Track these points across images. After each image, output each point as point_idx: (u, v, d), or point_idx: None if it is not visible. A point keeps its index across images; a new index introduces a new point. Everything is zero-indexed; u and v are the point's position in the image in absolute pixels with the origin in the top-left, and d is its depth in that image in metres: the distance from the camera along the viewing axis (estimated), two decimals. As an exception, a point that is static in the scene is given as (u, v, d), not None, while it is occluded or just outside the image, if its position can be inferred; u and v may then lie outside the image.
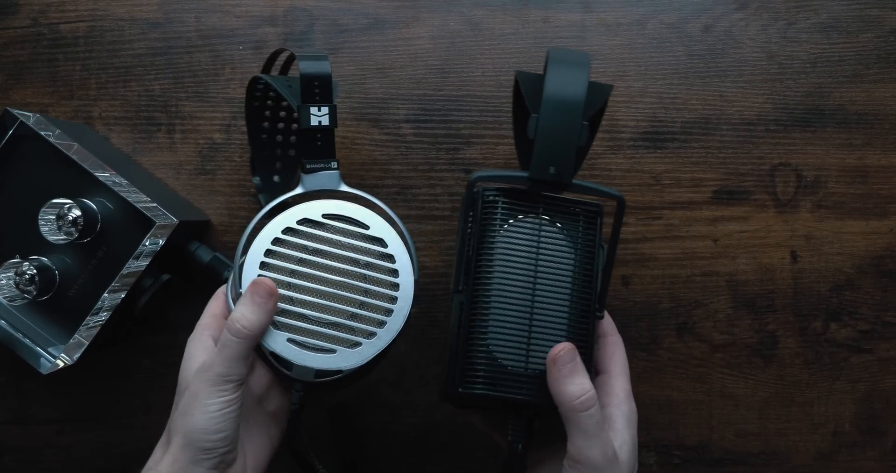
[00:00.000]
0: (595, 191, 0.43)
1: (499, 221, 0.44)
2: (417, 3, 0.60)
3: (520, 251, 0.44)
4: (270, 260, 0.45)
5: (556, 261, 0.44)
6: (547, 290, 0.43)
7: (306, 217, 0.45)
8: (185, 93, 0.60)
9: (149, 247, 0.52)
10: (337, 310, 0.46)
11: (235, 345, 0.43)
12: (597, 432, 0.41)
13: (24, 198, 0.53)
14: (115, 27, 0.60)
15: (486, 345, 0.43)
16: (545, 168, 0.42)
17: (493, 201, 0.44)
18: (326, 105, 0.46)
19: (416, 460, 0.61)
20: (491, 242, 0.44)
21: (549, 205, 0.44)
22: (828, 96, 0.61)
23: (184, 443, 0.42)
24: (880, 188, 0.61)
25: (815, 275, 0.60)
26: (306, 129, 0.46)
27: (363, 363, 0.46)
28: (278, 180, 0.57)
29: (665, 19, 0.60)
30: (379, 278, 0.46)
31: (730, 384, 0.60)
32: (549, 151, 0.42)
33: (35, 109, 0.60)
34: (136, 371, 0.60)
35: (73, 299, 0.53)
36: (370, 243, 0.46)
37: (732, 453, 0.61)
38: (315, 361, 0.45)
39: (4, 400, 0.60)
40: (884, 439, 0.61)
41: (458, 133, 0.60)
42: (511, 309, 0.43)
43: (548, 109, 0.42)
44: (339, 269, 0.46)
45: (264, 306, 0.43)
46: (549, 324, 0.43)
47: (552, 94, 0.42)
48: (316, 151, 0.47)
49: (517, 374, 0.43)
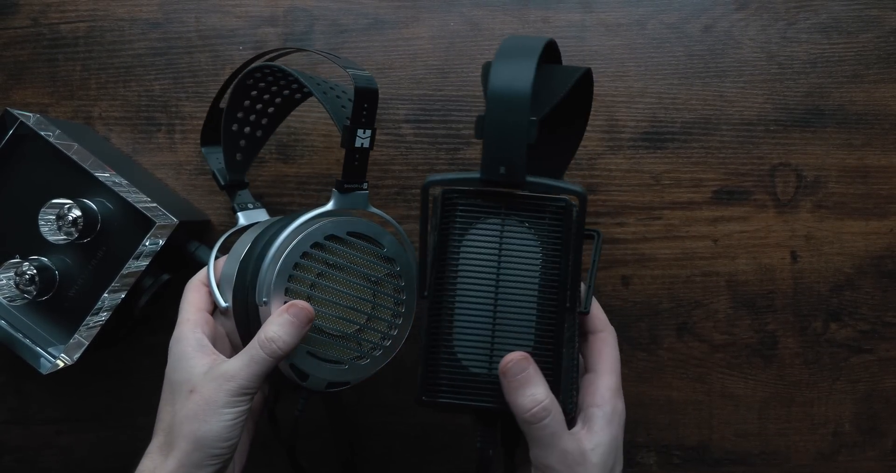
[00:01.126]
0: (552, 188, 0.40)
1: (458, 223, 0.42)
2: (417, 4, 0.60)
3: (481, 253, 0.42)
4: (297, 273, 0.45)
5: (519, 261, 0.42)
6: (510, 290, 0.42)
7: (333, 234, 0.46)
8: (186, 93, 0.60)
9: (149, 247, 0.52)
10: (347, 324, 0.47)
11: (266, 363, 0.43)
12: (552, 441, 0.40)
13: (24, 198, 0.53)
14: (116, 27, 0.60)
15: (450, 350, 0.42)
16: (495, 168, 0.40)
17: (452, 203, 0.42)
18: (371, 128, 0.46)
19: (416, 460, 0.61)
20: (454, 245, 0.42)
21: (511, 204, 0.42)
22: (828, 96, 0.61)
23: (193, 448, 0.42)
24: (880, 188, 0.61)
25: (815, 275, 0.60)
26: (349, 150, 0.46)
27: (369, 375, 0.48)
28: (240, 158, 0.55)
29: (665, 19, 0.60)
30: (387, 295, 0.48)
31: (730, 385, 0.60)
32: (497, 150, 0.39)
33: (35, 109, 0.60)
34: (136, 371, 0.60)
35: (73, 299, 0.53)
36: (383, 262, 0.48)
37: (732, 453, 0.61)
38: (329, 373, 0.46)
39: (4, 400, 0.60)
40: (884, 439, 0.61)
41: (458, 133, 0.60)
42: (473, 312, 0.41)
43: (492, 105, 0.39)
44: (354, 284, 0.47)
45: (301, 329, 0.43)
46: (514, 326, 0.41)
47: (495, 88, 0.39)
48: (353, 171, 0.47)
49: (480, 380, 0.41)
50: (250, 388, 0.43)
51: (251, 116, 0.54)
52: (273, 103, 0.54)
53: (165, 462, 0.42)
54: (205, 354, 0.44)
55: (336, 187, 0.48)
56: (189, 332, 0.45)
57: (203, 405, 0.42)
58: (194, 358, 0.44)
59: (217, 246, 0.51)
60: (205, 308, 0.47)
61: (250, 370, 0.42)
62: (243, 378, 0.42)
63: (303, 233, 0.46)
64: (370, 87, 0.45)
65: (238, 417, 0.42)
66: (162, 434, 0.44)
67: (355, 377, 0.47)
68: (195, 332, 0.45)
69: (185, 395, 0.43)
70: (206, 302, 0.48)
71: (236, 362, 0.43)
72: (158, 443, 0.44)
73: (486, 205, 0.42)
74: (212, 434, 0.42)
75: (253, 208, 0.55)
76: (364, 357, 0.48)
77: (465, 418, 0.60)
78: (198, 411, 0.42)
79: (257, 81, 0.52)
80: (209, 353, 0.45)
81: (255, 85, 0.52)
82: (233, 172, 0.55)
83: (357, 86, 0.45)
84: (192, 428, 0.42)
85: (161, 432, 0.44)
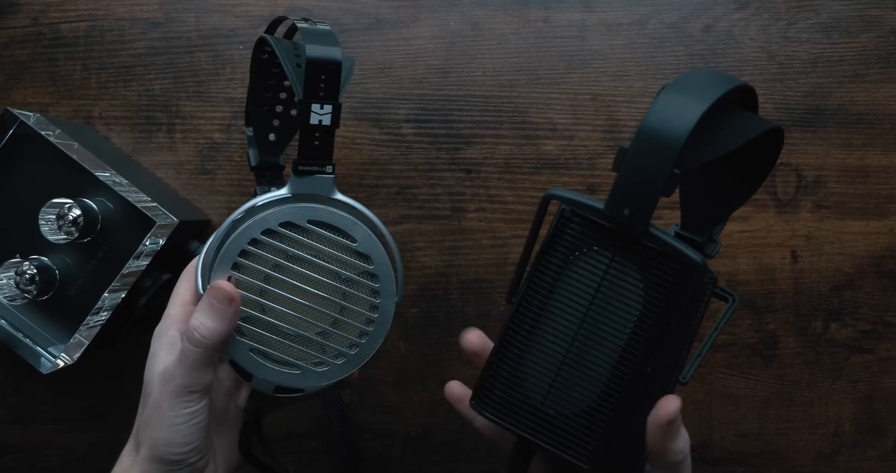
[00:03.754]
0: (670, 248, 0.37)
1: (568, 243, 0.39)
2: (418, 3, 0.60)
3: (578, 282, 0.38)
4: (244, 261, 0.41)
5: (614, 305, 0.38)
6: (592, 332, 0.38)
7: (290, 221, 0.42)
8: (186, 93, 0.60)
9: (149, 247, 0.51)
10: (308, 324, 0.42)
11: (195, 355, 0.39)
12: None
13: (24, 198, 0.53)
14: (116, 27, 0.60)
15: (516, 368, 0.39)
16: (620, 208, 0.36)
17: (568, 220, 0.39)
18: (331, 103, 0.41)
19: (416, 460, 0.61)
20: (553, 262, 0.39)
21: (628, 245, 0.38)
22: (828, 96, 0.61)
23: (150, 455, 0.40)
24: (881, 188, 0.61)
25: (816, 275, 0.60)
26: (304, 128, 0.41)
27: (326, 385, 0.43)
28: (273, 139, 0.51)
29: (665, 19, 0.60)
30: (359, 296, 0.43)
31: (730, 384, 0.60)
32: (627, 191, 0.35)
33: (35, 108, 0.60)
34: (136, 371, 0.60)
35: (73, 298, 0.53)
36: (355, 258, 0.43)
37: (732, 453, 0.61)
38: (276, 376, 0.42)
39: (4, 400, 0.60)
40: (884, 439, 0.61)
41: (458, 133, 0.60)
42: (549, 339, 0.39)
43: (638, 141, 0.35)
44: (317, 281, 0.42)
45: (224, 312, 0.40)
46: (583, 370, 0.38)
47: (649, 124, 0.35)
48: (312, 151, 0.42)
49: (531, 408, 0.39)
50: (192, 386, 0.39)
51: (281, 93, 0.50)
52: None
53: (131, 469, 0.41)
54: (170, 353, 0.41)
55: (293, 169, 0.42)
56: (165, 329, 0.43)
57: (153, 410, 0.40)
58: (159, 357, 0.41)
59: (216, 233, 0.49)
60: (191, 302, 0.44)
61: (184, 366, 0.39)
62: (180, 376, 0.39)
63: (252, 218, 0.41)
64: (327, 56, 0.40)
65: (190, 419, 0.40)
66: (133, 437, 0.42)
67: (309, 384, 0.43)
68: (170, 329, 0.42)
69: (146, 398, 0.41)
70: (195, 295, 0.44)
71: (172, 359, 0.40)
72: (129, 448, 0.42)
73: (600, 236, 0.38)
74: (164, 440, 0.39)
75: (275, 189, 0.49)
76: (323, 364, 0.43)
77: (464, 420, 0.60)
78: (150, 417, 0.40)
79: (272, 55, 0.48)
80: (174, 352, 0.41)
81: (272, 60, 0.49)
82: (265, 154, 0.50)
83: (308, 56, 0.40)
84: (148, 435, 0.40)
85: (132, 435, 0.42)
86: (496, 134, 0.60)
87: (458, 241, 0.60)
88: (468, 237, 0.60)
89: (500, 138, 0.60)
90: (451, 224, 0.60)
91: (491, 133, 0.60)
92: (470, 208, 0.60)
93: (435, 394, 0.60)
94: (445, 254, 0.60)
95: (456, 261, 0.60)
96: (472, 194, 0.60)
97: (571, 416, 0.39)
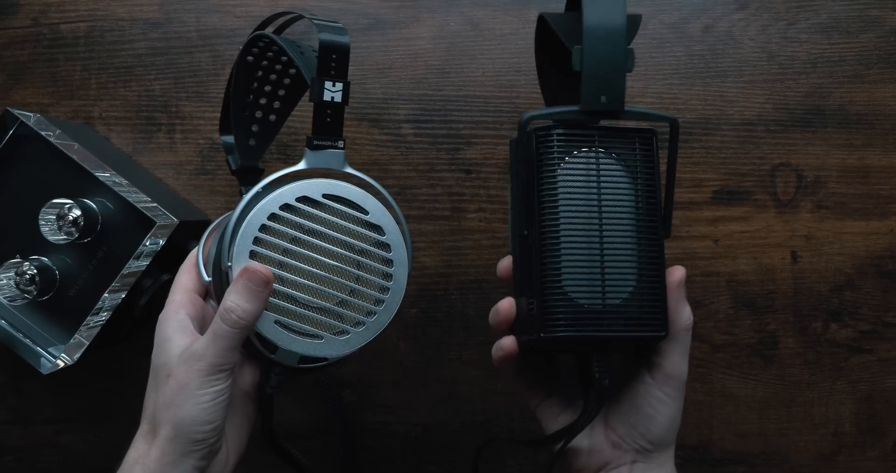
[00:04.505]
0: (649, 116, 0.42)
1: (556, 158, 0.42)
2: (417, 4, 0.60)
3: (581, 187, 0.42)
4: (265, 236, 0.43)
5: (617, 192, 0.42)
6: (614, 223, 0.42)
7: (306, 195, 0.44)
8: (186, 93, 0.60)
9: (149, 247, 0.52)
10: (327, 295, 0.44)
11: (231, 335, 0.41)
12: (688, 350, 0.44)
13: (24, 198, 0.53)
14: (116, 27, 0.60)
15: (560, 287, 0.42)
16: (596, 98, 0.41)
17: (548, 137, 0.42)
18: (342, 81, 0.44)
19: (416, 460, 0.61)
20: (552, 181, 0.42)
21: (602, 136, 0.43)
22: (828, 97, 0.61)
23: (173, 435, 0.40)
24: (881, 189, 0.61)
25: (816, 275, 0.60)
26: (317, 104, 0.44)
27: (349, 352, 0.45)
28: (253, 144, 0.53)
29: (665, 19, 0.60)
30: (373, 266, 0.45)
31: (730, 385, 0.60)
32: (599, 80, 0.41)
33: (35, 109, 0.60)
34: (136, 371, 0.60)
35: (73, 299, 0.53)
36: (368, 230, 0.45)
37: (732, 453, 0.61)
38: (301, 346, 0.43)
39: (4, 400, 0.60)
40: (884, 439, 0.61)
41: (458, 133, 0.60)
42: (582, 247, 0.42)
43: (591, 38, 0.41)
44: (333, 252, 0.44)
45: (260, 295, 0.41)
46: (621, 257, 0.42)
47: (594, 23, 0.41)
48: (324, 127, 0.45)
49: (596, 311, 0.42)
50: (223, 365, 0.41)
51: (261, 99, 0.52)
52: (282, 84, 0.53)
53: (150, 451, 0.41)
54: (184, 335, 0.43)
55: (307, 145, 0.45)
56: (172, 314, 0.44)
57: (178, 389, 0.41)
58: (172, 340, 0.42)
59: (212, 226, 0.49)
60: (194, 289, 0.46)
61: (217, 345, 0.41)
62: (212, 356, 0.41)
63: (270, 194, 0.43)
64: (336, 39, 0.44)
65: (216, 397, 0.41)
66: (146, 422, 0.42)
67: (332, 353, 0.44)
68: (178, 313, 0.44)
69: (164, 380, 0.42)
70: (197, 284, 0.46)
71: (203, 339, 0.41)
72: (143, 432, 0.42)
73: (580, 138, 0.42)
74: (189, 418, 0.40)
75: None
76: (345, 333, 0.44)
77: (464, 420, 0.60)
78: (174, 396, 0.41)
79: (257, 58, 0.50)
80: (188, 334, 0.43)
81: (258, 63, 0.51)
82: (245, 158, 0.52)
83: (321, 38, 0.43)
84: (170, 414, 0.41)
85: (145, 420, 0.43)
86: (496, 134, 0.60)
87: (458, 241, 0.60)
88: (468, 237, 0.60)
89: (500, 139, 0.60)
90: (451, 224, 0.60)
91: (491, 133, 0.60)
92: (470, 208, 0.60)
93: (435, 394, 0.60)
94: (445, 254, 0.60)
95: (456, 261, 0.60)
96: (472, 194, 0.60)
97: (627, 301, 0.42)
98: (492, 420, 0.60)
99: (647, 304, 0.42)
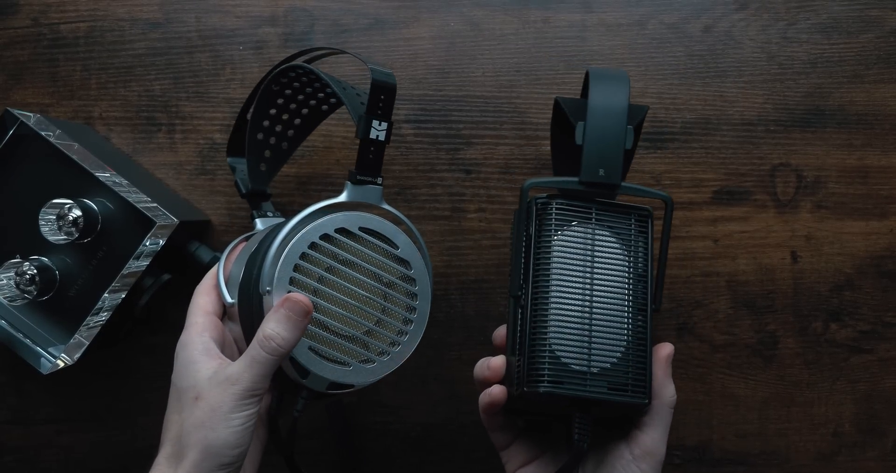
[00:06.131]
0: (643, 192, 0.45)
1: (553, 226, 0.45)
2: (417, 4, 0.60)
3: (575, 255, 0.45)
4: (304, 263, 0.44)
5: (610, 264, 0.45)
6: (604, 292, 0.44)
7: (344, 227, 0.45)
8: (186, 93, 0.60)
9: (149, 247, 0.52)
10: (356, 323, 0.45)
11: (268, 362, 0.41)
12: (668, 428, 0.45)
13: (24, 198, 0.53)
14: (116, 27, 0.60)
15: (546, 345, 0.43)
16: (595, 171, 0.44)
17: (547, 207, 0.45)
18: (387, 121, 0.46)
19: (416, 460, 0.61)
20: (547, 247, 0.45)
21: (600, 209, 0.45)
22: (828, 97, 0.61)
23: (202, 458, 0.40)
24: (880, 189, 0.61)
25: (816, 275, 0.60)
26: (363, 140, 0.46)
27: (375, 380, 0.46)
28: (264, 169, 0.55)
29: (665, 19, 0.60)
30: (399, 298, 0.47)
31: (730, 385, 0.60)
32: (598, 154, 0.44)
33: (35, 109, 0.60)
34: (136, 371, 0.60)
35: (73, 299, 0.53)
36: (397, 263, 0.47)
37: (732, 453, 0.61)
38: (332, 373, 0.45)
39: (4, 400, 0.60)
40: (884, 439, 0.61)
41: (458, 133, 0.60)
42: (571, 312, 0.44)
43: (594, 116, 0.44)
44: (364, 283, 0.46)
45: (299, 324, 0.42)
46: (609, 324, 0.44)
47: (597, 102, 0.44)
48: (368, 164, 0.47)
49: (581, 373, 0.43)
50: (256, 390, 0.41)
51: (277, 126, 0.54)
52: (300, 114, 0.55)
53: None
54: (210, 358, 0.43)
55: (349, 179, 0.47)
56: (196, 336, 0.44)
57: (209, 411, 0.41)
58: (199, 363, 0.43)
59: (229, 248, 0.50)
60: (213, 312, 0.46)
61: (253, 371, 0.41)
62: (248, 381, 0.41)
63: (312, 223, 0.45)
64: (388, 81, 0.46)
65: (247, 421, 0.41)
66: (169, 444, 0.42)
67: (359, 381, 0.46)
68: (202, 336, 0.44)
69: (191, 402, 0.42)
70: (216, 306, 0.47)
71: (239, 364, 0.42)
72: (166, 454, 0.42)
73: (578, 210, 0.45)
74: (220, 441, 0.41)
75: (272, 216, 0.55)
76: (370, 361, 0.46)
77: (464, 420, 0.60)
78: (205, 418, 0.41)
79: (284, 86, 0.52)
80: (215, 357, 0.43)
81: (282, 92, 0.52)
82: (255, 182, 0.54)
83: (374, 78, 0.45)
84: (199, 437, 0.41)
85: (168, 442, 0.42)
86: (496, 134, 0.60)
87: (458, 241, 0.60)
88: (468, 238, 0.60)
89: (499, 139, 0.60)
90: (451, 224, 0.60)
91: (491, 133, 0.60)
92: (470, 208, 0.60)
93: (435, 394, 0.60)
94: (445, 254, 0.60)
95: (456, 261, 0.60)
96: (472, 194, 0.60)
97: (613, 367, 0.44)
98: (492, 420, 0.60)
99: (632, 371, 0.44)
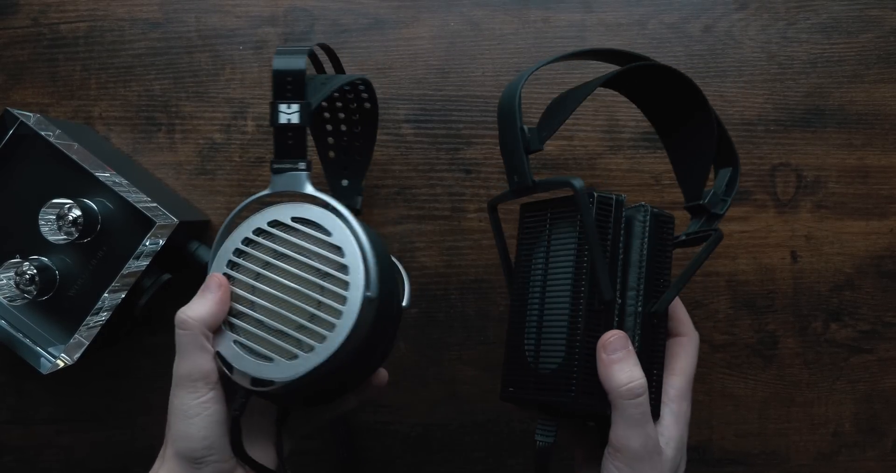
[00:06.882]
0: (551, 184, 0.44)
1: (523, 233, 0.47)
2: (417, 3, 0.60)
3: (537, 256, 0.45)
4: (240, 261, 0.43)
5: (558, 260, 0.44)
6: (552, 289, 0.44)
7: (276, 219, 0.44)
8: (186, 93, 0.60)
9: (149, 247, 0.52)
10: (287, 319, 0.43)
11: (185, 338, 0.41)
12: (641, 422, 0.41)
13: (24, 198, 0.53)
14: (116, 27, 0.60)
15: (517, 348, 0.45)
16: (511, 178, 0.45)
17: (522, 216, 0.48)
18: (297, 102, 0.44)
19: (416, 460, 0.61)
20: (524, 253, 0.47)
21: (554, 209, 0.45)
22: (828, 97, 0.61)
23: (173, 453, 0.41)
24: (880, 188, 0.61)
25: (815, 275, 0.60)
26: (274, 127, 0.44)
27: (296, 377, 0.42)
28: (346, 184, 0.57)
29: (665, 19, 0.60)
30: (333, 290, 0.42)
31: (730, 384, 0.60)
32: (508, 162, 0.45)
33: (35, 109, 0.60)
34: (136, 371, 0.60)
35: (73, 299, 0.53)
36: (331, 252, 0.43)
37: (732, 453, 0.61)
38: (250, 367, 0.42)
39: (4, 400, 0.60)
40: (884, 439, 0.61)
41: (458, 133, 0.60)
42: (529, 312, 0.45)
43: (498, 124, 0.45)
44: (299, 277, 0.43)
45: (211, 296, 0.42)
46: (555, 322, 0.43)
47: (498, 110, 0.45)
48: (283, 150, 0.45)
49: (537, 375, 0.43)
50: (192, 373, 0.41)
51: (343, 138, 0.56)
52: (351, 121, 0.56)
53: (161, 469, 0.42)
54: None
55: (270, 169, 0.45)
56: None
57: (170, 406, 0.42)
58: None
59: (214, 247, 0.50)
60: None
61: (179, 355, 0.41)
62: (180, 366, 0.41)
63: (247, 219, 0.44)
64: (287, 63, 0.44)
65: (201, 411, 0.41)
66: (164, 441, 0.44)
67: (279, 376, 0.42)
68: None
69: None
70: None
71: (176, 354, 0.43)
72: (160, 451, 0.44)
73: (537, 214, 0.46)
74: (181, 433, 0.41)
75: None
76: (296, 357, 0.42)
77: (464, 420, 0.60)
78: (169, 413, 0.42)
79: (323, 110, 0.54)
80: None
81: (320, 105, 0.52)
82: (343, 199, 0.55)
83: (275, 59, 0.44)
84: (168, 434, 0.42)
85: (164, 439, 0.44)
86: (496, 134, 0.60)
87: (458, 241, 0.60)
88: (468, 237, 0.60)
89: (499, 139, 0.60)
90: (451, 224, 0.60)
91: (491, 133, 0.60)
92: (470, 208, 0.60)
93: (435, 394, 0.60)
94: (445, 254, 0.60)
95: (456, 261, 0.60)
96: (472, 194, 0.60)
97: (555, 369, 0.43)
98: (492, 420, 0.60)
99: (562, 367, 0.42)
